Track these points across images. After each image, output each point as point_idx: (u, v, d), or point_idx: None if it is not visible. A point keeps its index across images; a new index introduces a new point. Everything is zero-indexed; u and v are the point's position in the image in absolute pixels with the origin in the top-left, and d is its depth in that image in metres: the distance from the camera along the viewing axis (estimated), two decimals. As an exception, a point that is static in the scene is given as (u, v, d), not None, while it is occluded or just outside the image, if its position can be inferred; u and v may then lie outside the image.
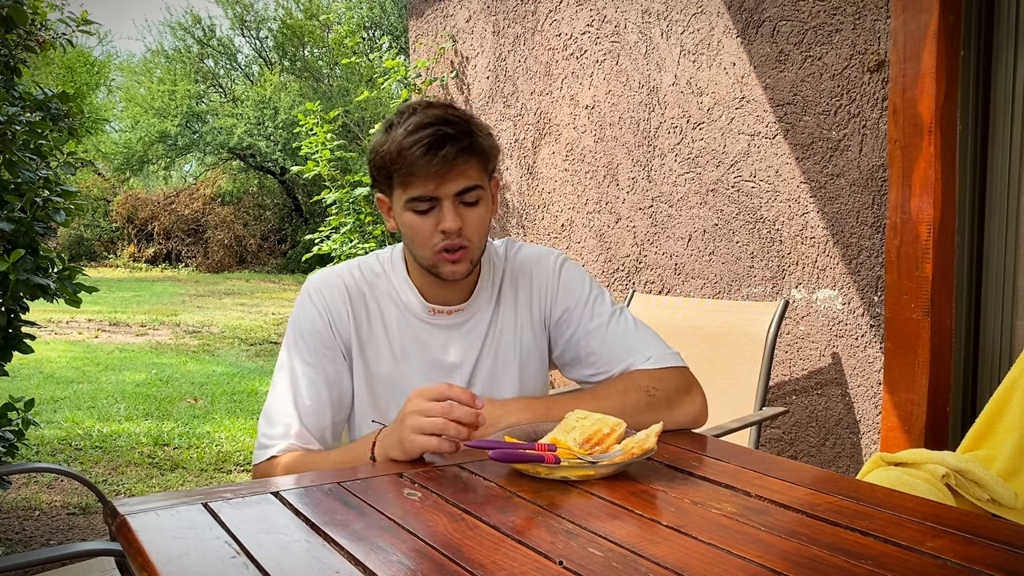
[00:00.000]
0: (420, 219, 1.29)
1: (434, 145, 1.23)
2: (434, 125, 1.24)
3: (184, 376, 5.99)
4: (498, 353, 1.42)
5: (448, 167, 1.24)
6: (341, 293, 1.37)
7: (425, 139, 1.23)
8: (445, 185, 1.26)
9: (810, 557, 0.82)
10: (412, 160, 1.24)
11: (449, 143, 1.23)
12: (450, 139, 1.24)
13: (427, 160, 1.23)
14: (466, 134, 1.26)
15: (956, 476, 1.47)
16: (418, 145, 1.23)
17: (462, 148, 1.25)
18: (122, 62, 19.55)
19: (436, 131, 1.23)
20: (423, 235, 1.29)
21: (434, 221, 1.28)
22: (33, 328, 2.76)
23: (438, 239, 1.28)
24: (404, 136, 1.25)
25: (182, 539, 0.88)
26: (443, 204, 1.27)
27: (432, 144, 1.23)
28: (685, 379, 1.36)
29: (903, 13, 2.14)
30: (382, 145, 1.28)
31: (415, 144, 1.23)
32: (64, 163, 2.95)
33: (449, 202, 1.27)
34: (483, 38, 3.63)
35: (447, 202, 1.27)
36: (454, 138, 1.24)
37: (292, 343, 1.37)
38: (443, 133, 1.24)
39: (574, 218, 3.27)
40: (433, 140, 1.23)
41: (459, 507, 0.97)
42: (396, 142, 1.25)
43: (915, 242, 2.15)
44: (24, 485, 3.48)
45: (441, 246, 1.29)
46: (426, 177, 1.25)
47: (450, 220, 1.26)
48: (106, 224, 16.81)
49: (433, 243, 1.29)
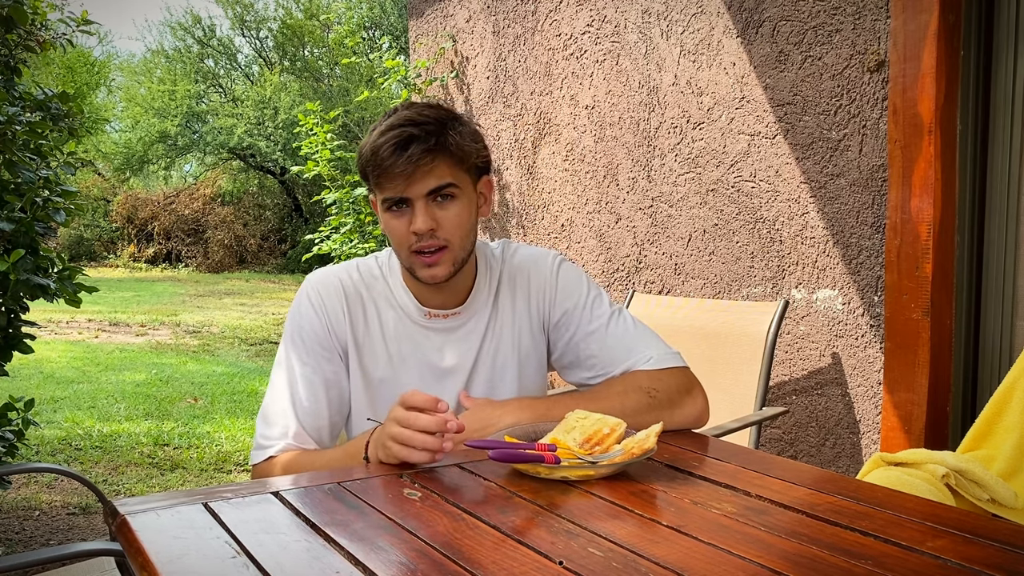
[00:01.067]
0: (395, 220, 1.30)
1: (399, 146, 1.23)
2: (401, 126, 1.25)
3: (184, 376, 5.99)
4: (496, 356, 1.41)
5: (414, 167, 1.24)
6: (338, 294, 1.37)
7: (392, 140, 1.24)
8: (413, 185, 1.26)
9: (810, 557, 0.82)
10: (380, 162, 1.25)
11: (415, 143, 1.24)
12: (415, 139, 1.24)
13: (393, 161, 1.24)
14: (433, 133, 1.25)
15: (956, 476, 1.47)
16: (385, 146, 1.24)
17: (428, 147, 1.25)
18: (122, 62, 19.56)
19: (401, 132, 1.24)
20: (398, 236, 1.30)
21: (407, 221, 1.28)
22: (33, 328, 2.76)
23: (412, 240, 1.29)
24: (376, 138, 1.26)
25: (182, 539, 0.88)
26: (415, 204, 1.27)
27: (397, 145, 1.23)
28: (686, 379, 1.35)
29: (903, 13, 2.14)
30: (362, 148, 1.30)
31: (383, 146, 1.24)
32: (64, 163, 2.95)
33: (421, 202, 1.27)
34: (483, 38, 3.63)
35: (418, 202, 1.27)
36: (419, 138, 1.24)
37: (290, 343, 1.37)
38: (408, 134, 1.24)
39: (574, 218, 3.27)
40: (399, 141, 1.24)
41: (459, 507, 0.97)
42: (369, 144, 1.27)
43: (915, 242, 2.15)
44: (24, 485, 3.48)
45: (415, 247, 1.29)
46: (394, 178, 1.25)
47: (419, 221, 1.26)
48: (106, 224, 16.81)
49: (408, 244, 1.29)
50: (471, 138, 1.31)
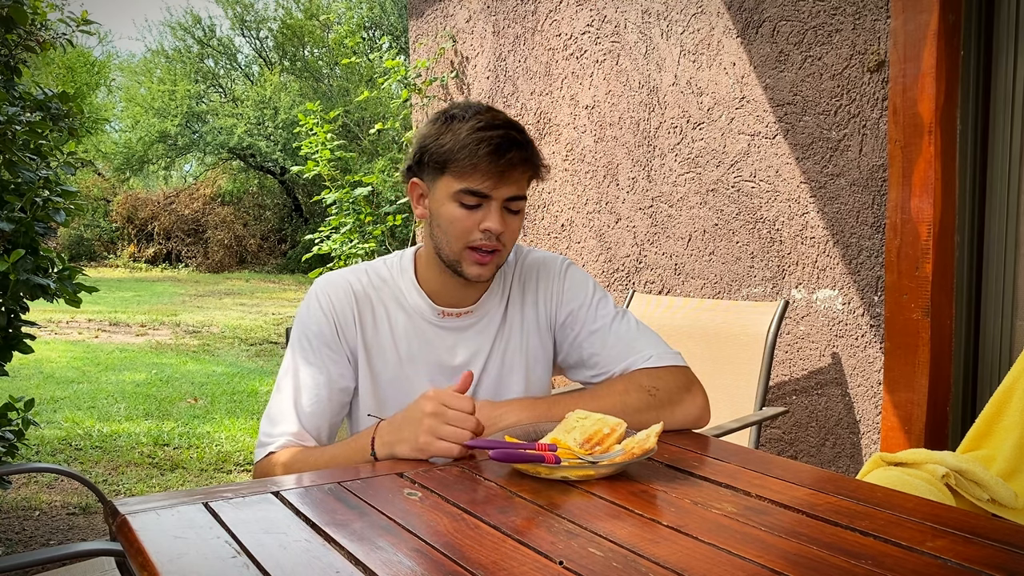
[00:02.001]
0: (464, 213, 1.31)
1: (503, 146, 1.27)
2: (504, 128, 1.29)
3: (184, 376, 5.99)
4: (505, 356, 1.43)
5: (510, 170, 1.28)
6: (348, 297, 1.38)
7: (496, 138, 1.27)
8: (501, 187, 1.29)
9: (810, 557, 0.82)
10: (478, 154, 1.27)
11: (516, 148, 1.28)
12: (517, 145, 1.29)
13: (494, 158, 1.27)
14: (529, 144, 1.32)
15: (956, 476, 1.47)
16: (487, 142, 1.27)
17: (524, 156, 1.30)
18: (122, 62, 19.56)
19: (506, 134, 1.28)
20: (462, 229, 1.31)
21: (478, 218, 1.30)
22: (33, 328, 2.76)
23: (476, 236, 1.31)
24: (472, 131, 1.28)
25: (182, 539, 0.88)
26: (491, 204, 1.30)
27: (501, 145, 1.27)
28: (686, 378, 1.36)
29: (903, 13, 2.14)
30: (441, 135, 1.31)
31: (484, 140, 1.27)
32: (64, 163, 2.95)
33: (497, 204, 1.30)
34: (483, 38, 3.63)
35: (495, 203, 1.30)
36: (520, 145, 1.29)
37: (297, 344, 1.38)
38: (512, 137, 1.29)
39: (574, 218, 3.27)
40: (503, 142, 1.27)
41: (459, 507, 0.97)
42: (462, 134, 1.28)
43: (915, 242, 2.15)
44: (24, 485, 3.48)
45: (476, 244, 1.31)
46: (486, 174, 1.28)
47: (496, 221, 1.30)
48: (106, 224, 16.80)
49: (469, 239, 1.31)
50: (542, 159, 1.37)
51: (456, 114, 1.32)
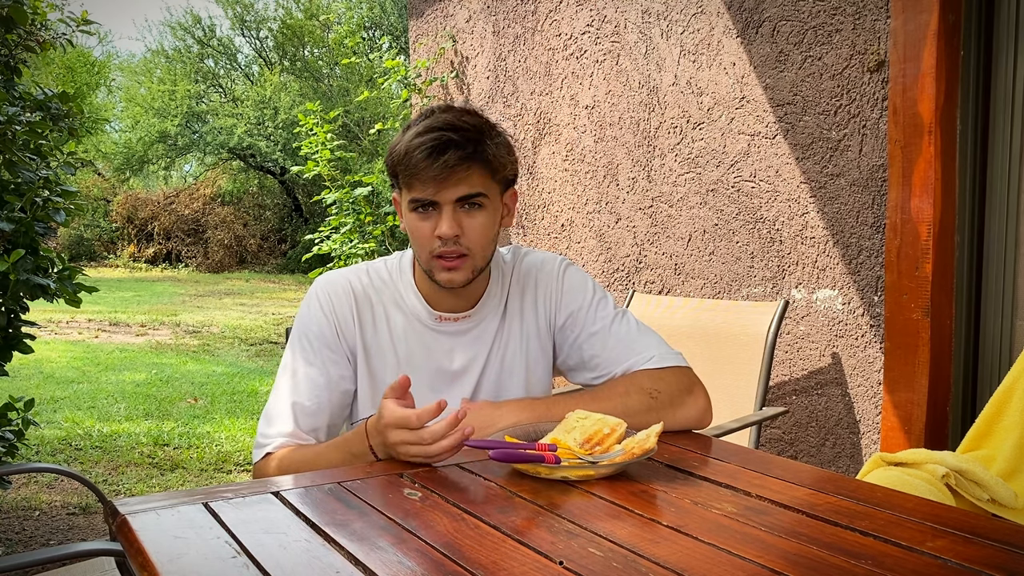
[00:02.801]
0: (420, 222, 1.30)
1: (436, 150, 1.24)
2: (440, 130, 1.25)
3: (184, 376, 5.99)
4: (504, 360, 1.42)
5: (448, 172, 1.25)
6: (348, 297, 1.38)
7: (428, 143, 1.24)
8: (444, 191, 1.27)
9: (810, 557, 0.82)
10: (415, 162, 1.25)
11: (452, 148, 1.24)
12: (453, 144, 1.24)
13: (428, 164, 1.24)
14: (472, 141, 1.26)
15: (956, 476, 1.47)
16: (421, 148, 1.24)
17: (464, 155, 1.25)
18: (122, 62, 19.55)
19: (440, 136, 1.24)
20: (421, 238, 1.30)
21: (432, 225, 1.29)
22: (33, 328, 2.76)
23: (435, 244, 1.29)
24: (412, 138, 1.26)
25: (182, 539, 0.88)
26: (442, 209, 1.28)
27: (434, 149, 1.24)
28: (688, 379, 1.35)
29: (903, 13, 2.14)
30: (395, 145, 1.30)
31: (419, 147, 1.24)
32: (64, 163, 2.95)
33: (449, 207, 1.28)
34: (483, 38, 3.63)
35: (446, 207, 1.28)
36: (457, 144, 1.25)
37: (296, 344, 1.37)
38: (447, 138, 1.24)
39: (574, 218, 3.27)
40: (436, 145, 1.24)
41: (459, 507, 0.97)
42: (404, 143, 1.27)
43: (915, 242, 2.15)
44: (24, 485, 3.48)
45: (438, 251, 1.29)
46: (426, 180, 1.26)
47: (445, 226, 1.27)
48: (106, 224, 16.80)
49: (431, 247, 1.30)
50: (505, 150, 1.32)
51: (413, 121, 1.31)
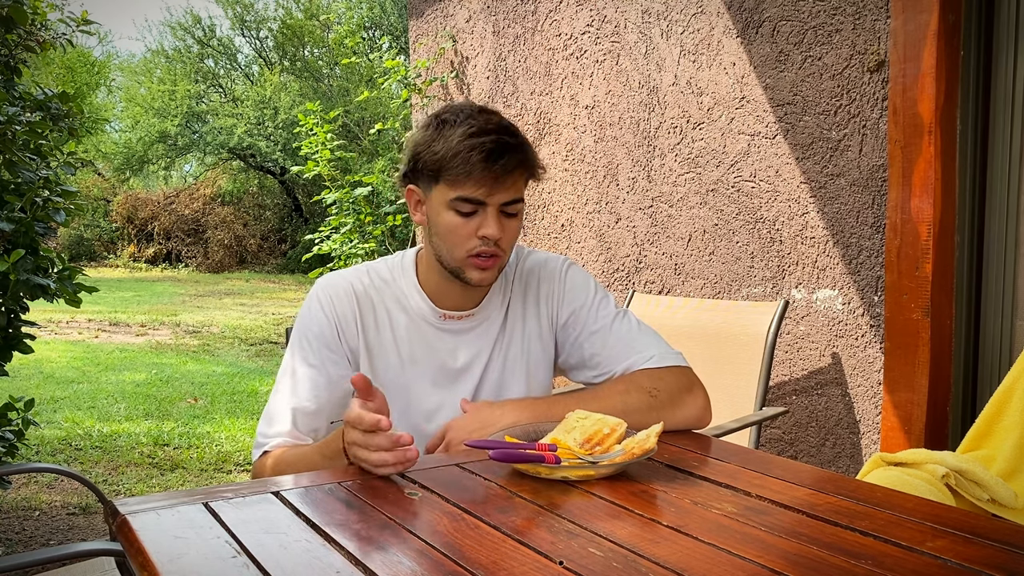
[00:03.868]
0: (461, 220, 1.29)
1: (495, 152, 1.25)
2: (496, 133, 1.27)
3: (184, 376, 5.99)
4: (507, 358, 1.43)
5: (504, 176, 1.26)
6: (350, 298, 1.37)
7: (488, 144, 1.25)
8: (496, 193, 1.28)
9: (810, 557, 0.82)
10: (471, 162, 1.25)
11: (508, 153, 1.26)
12: (510, 149, 1.26)
13: (486, 165, 1.25)
14: (523, 147, 1.29)
15: (956, 476, 1.47)
16: (479, 149, 1.24)
17: (519, 160, 1.28)
18: (122, 62, 19.55)
19: (498, 139, 1.26)
20: (460, 236, 1.30)
21: (475, 225, 1.29)
22: (33, 328, 2.76)
23: (474, 243, 1.29)
24: (464, 137, 1.26)
25: (182, 539, 0.88)
26: (487, 211, 1.29)
27: (494, 151, 1.25)
28: (687, 379, 1.36)
29: (903, 13, 2.14)
30: (433, 142, 1.29)
31: (477, 147, 1.25)
32: (64, 163, 2.95)
33: (494, 209, 1.29)
34: (483, 38, 3.63)
35: (492, 209, 1.29)
36: (514, 149, 1.27)
37: (297, 345, 1.37)
38: (504, 142, 1.26)
39: (574, 218, 3.27)
40: (495, 147, 1.25)
41: (459, 507, 0.97)
42: (454, 141, 1.26)
43: (915, 242, 2.15)
44: (24, 485, 3.48)
45: (476, 251, 1.30)
46: (480, 181, 1.26)
47: (493, 227, 1.28)
48: (106, 224, 16.80)
49: (469, 246, 1.30)
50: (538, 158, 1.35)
51: (447, 119, 1.30)
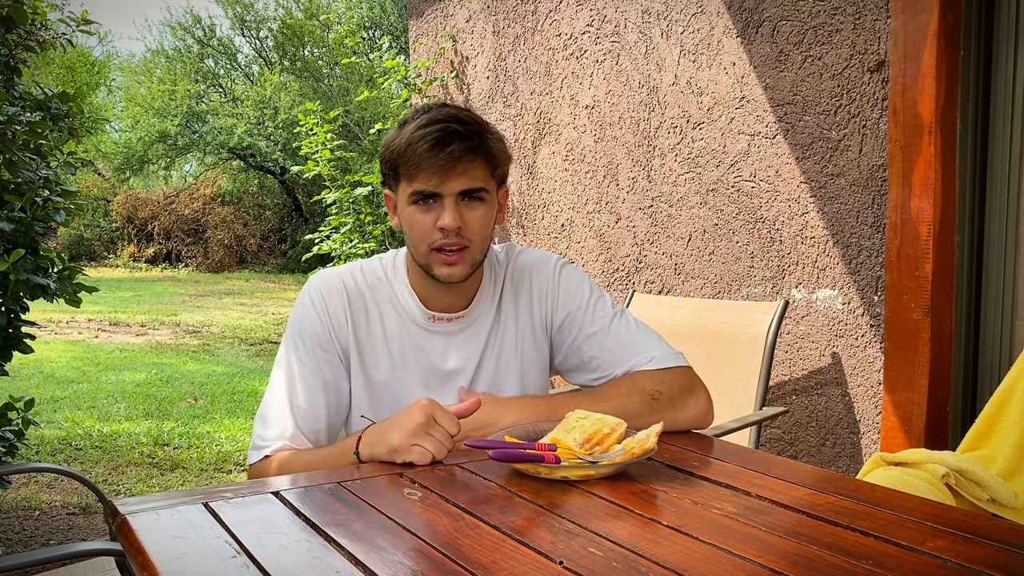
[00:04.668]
0: (421, 214, 1.29)
1: (441, 140, 1.24)
2: (444, 122, 1.26)
3: (184, 376, 5.99)
4: (499, 360, 1.41)
5: (453, 163, 1.25)
6: (341, 296, 1.37)
7: (433, 133, 1.25)
8: (448, 182, 1.27)
9: (810, 557, 0.82)
10: (419, 153, 1.25)
11: (457, 140, 1.25)
12: (458, 136, 1.25)
13: (433, 154, 1.25)
14: (475, 134, 1.27)
15: (956, 476, 1.47)
16: (426, 139, 1.25)
17: (469, 147, 1.26)
18: (122, 62, 19.55)
19: (445, 127, 1.25)
20: (421, 230, 1.30)
21: (434, 217, 1.29)
22: (33, 328, 2.76)
23: (436, 236, 1.29)
24: (414, 130, 1.27)
25: (182, 539, 0.88)
26: (444, 201, 1.28)
27: (440, 139, 1.24)
28: (689, 380, 1.35)
29: (903, 13, 2.14)
30: (393, 140, 1.30)
31: (423, 138, 1.25)
32: (64, 163, 2.94)
33: (451, 199, 1.28)
34: (483, 38, 3.63)
35: (448, 199, 1.28)
36: (462, 135, 1.26)
37: (290, 343, 1.37)
38: (452, 129, 1.25)
39: (574, 218, 3.27)
40: (441, 135, 1.25)
41: (459, 507, 0.97)
42: (406, 136, 1.27)
43: (915, 242, 2.15)
44: (24, 485, 3.48)
45: (438, 244, 1.29)
46: (430, 171, 1.26)
47: (449, 217, 1.27)
48: (106, 224, 16.80)
49: (431, 240, 1.29)
50: (503, 146, 1.33)
51: (408, 117, 1.31)
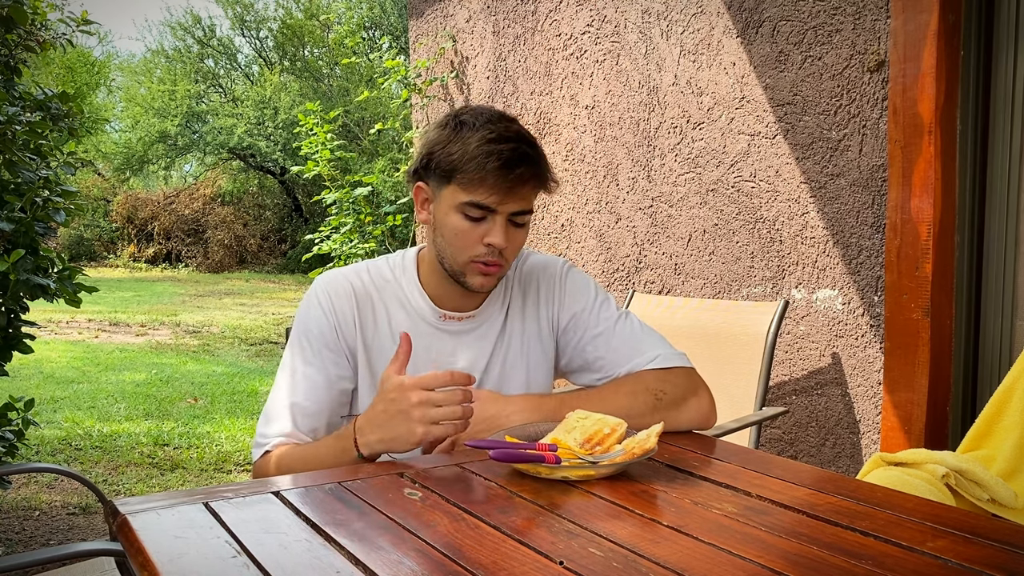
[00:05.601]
0: (468, 225, 1.29)
1: (512, 161, 1.24)
2: (515, 141, 1.26)
3: (184, 376, 5.99)
4: (506, 361, 1.42)
5: (518, 186, 1.26)
6: (348, 296, 1.37)
7: (506, 152, 1.24)
8: (507, 202, 1.27)
9: (810, 557, 0.82)
10: (487, 168, 1.24)
11: (525, 164, 1.26)
12: (527, 160, 1.26)
13: (503, 173, 1.24)
14: (540, 158, 1.29)
15: (956, 476, 1.47)
16: (496, 156, 1.24)
17: (535, 172, 1.27)
18: (122, 62, 19.56)
19: (517, 148, 1.25)
20: (466, 241, 1.29)
21: (482, 231, 1.28)
22: (33, 328, 2.76)
23: (480, 250, 1.29)
24: (482, 142, 1.25)
25: (183, 539, 0.88)
26: (496, 218, 1.28)
27: (511, 160, 1.24)
28: (692, 380, 1.35)
29: (903, 13, 2.14)
30: (450, 142, 1.28)
31: (494, 154, 1.24)
32: (64, 163, 2.95)
33: (503, 218, 1.28)
34: (483, 38, 3.63)
35: (500, 218, 1.28)
36: (531, 160, 1.27)
37: (296, 343, 1.37)
38: (523, 152, 1.26)
39: (574, 218, 3.27)
40: (513, 157, 1.24)
41: (460, 507, 0.97)
42: (472, 145, 1.25)
43: (915, 242, 2.15)
44: (24, 485, 3.48)
45: (481, 258, 1.29)
46: (493, 188, 1.25)
47: (500, 236, 1.28)
48: (106, 224, 16.80)
49: (473, 252, 1.30)
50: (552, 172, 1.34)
51: (467, 121, 1.28)
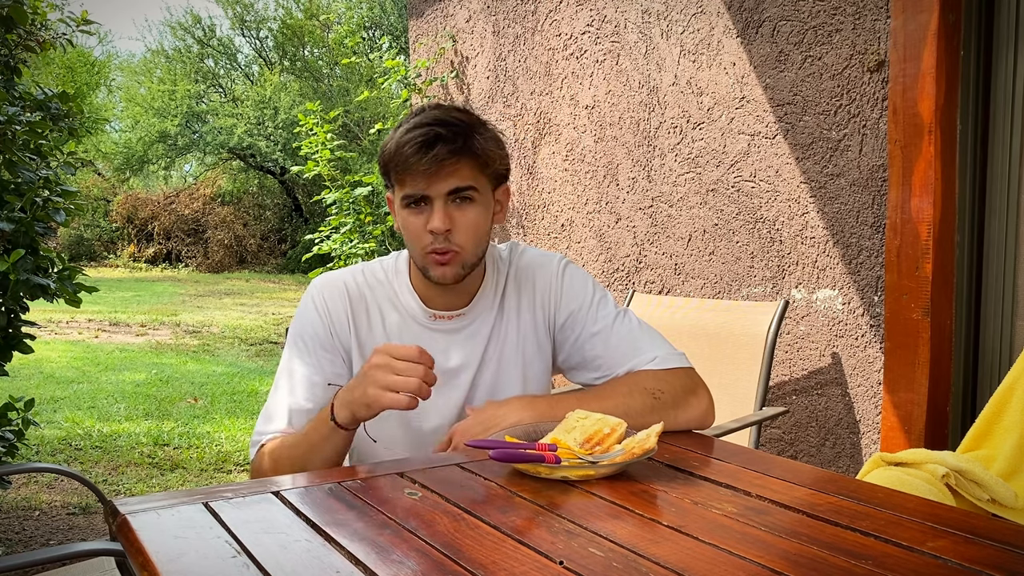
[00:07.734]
0: (413, 218, 1.31)
1: (426, 144, 1.25)
2: (429, 125, 1.27)
3: (184, 376, 5.99)
4: (501, 359, 1.42)
5: (438, 166, 1.26)
6: (342, 297, 1.39)
7: (418, 138, 1.25)
8: (435, 184, 1.27)
9: (810, 557, 0.82)
10: (405, 158, 1.26)
11: (441, 142, 1.26)
12: (442, 139, 1.26)
13: (418, 158, 1.25)
14: (461, 135, 1.27)
15: (956, 476, 1.47)
16: (411, 143, 1.26)
17: (454, 148, 1.26)
18: (122, 62, 19.55)
19: (429, 131, 1.26)
20: (413, 234, 1.31)
21: (424, 220, 1.30)
22: (33, 328, 2.76)
23: (427, 239, 1.30)
24: (403, 134, 1.28)
25: (183, 539, 0.88)
26: (433, 203, 1.29)
27: (424, 143, 1.25)
28: (691, 380, 1.35)
29: (903, 13, 2.14)
30: (386, 144, 1.31)
31: (408, 142, 1.26)
32: (64, 163, 2.95)
33: (440, 202, 1.28)
34: (483, 38, 3.63)
35: (437, 202, 1.28)
36: (446, 138, 1.26)
37: (293, 344, 1.39)
38: (436, 133, 1.26)
39: (574, 218, 3.27)
40: (425, 139, 1.25)
41: (459, 507, 0.97)
42: (395, 140, 1.29)
43: (915, 242, 2.15)
44: (24, 485, 3.48)
45: (431, 247, 1.30)
46: (416, 175, 1.27)
47: (437, 220, 1.28)
48: (106, 224, 16.80)
49: (423, 243, 1.30)
50: (495, 144, 1.33)
51: (402, 121, 1.32)
